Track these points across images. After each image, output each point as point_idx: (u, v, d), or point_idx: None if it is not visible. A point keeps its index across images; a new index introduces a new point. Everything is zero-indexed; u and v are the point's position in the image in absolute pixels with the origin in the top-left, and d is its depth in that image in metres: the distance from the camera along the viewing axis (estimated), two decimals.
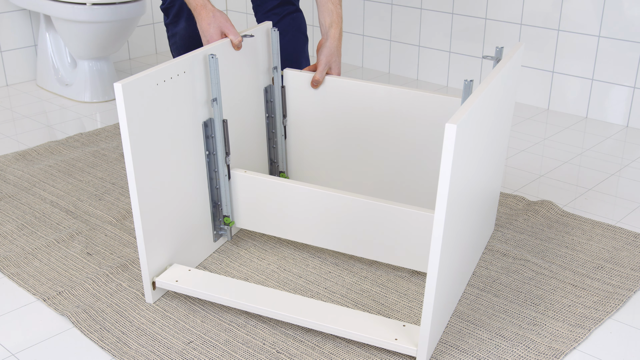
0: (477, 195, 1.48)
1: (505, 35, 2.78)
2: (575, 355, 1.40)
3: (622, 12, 2.48)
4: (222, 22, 1.67)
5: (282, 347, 1.41)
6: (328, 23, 1.79)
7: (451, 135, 1.15)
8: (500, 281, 1.63)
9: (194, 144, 1.60)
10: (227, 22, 1.68)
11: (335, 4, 1.79)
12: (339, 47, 1.81)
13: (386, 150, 1.83)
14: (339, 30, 1.80)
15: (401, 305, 1.54)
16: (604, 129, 2.55)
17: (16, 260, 1.70)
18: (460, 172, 1.25)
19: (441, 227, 1.22)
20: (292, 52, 2.03)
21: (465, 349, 1.40)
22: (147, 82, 1.42)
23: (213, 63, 1.57)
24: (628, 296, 1.57)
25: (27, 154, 2.30)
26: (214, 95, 1.60)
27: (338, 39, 1.80)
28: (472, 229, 1.51)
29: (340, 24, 1.80)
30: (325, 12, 1.79)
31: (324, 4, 1.79)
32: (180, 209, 1.58)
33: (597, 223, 1.87)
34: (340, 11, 1.80)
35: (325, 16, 1.79)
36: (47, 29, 2.88)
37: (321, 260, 1.70)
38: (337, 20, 1.79)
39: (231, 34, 1.66)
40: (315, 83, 1.79)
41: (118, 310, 1.51)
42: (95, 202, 1.99)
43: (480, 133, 1.36)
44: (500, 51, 1.55)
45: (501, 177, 1.75)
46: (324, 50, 1.79)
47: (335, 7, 1.79)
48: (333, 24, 1.79)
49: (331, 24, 1.79)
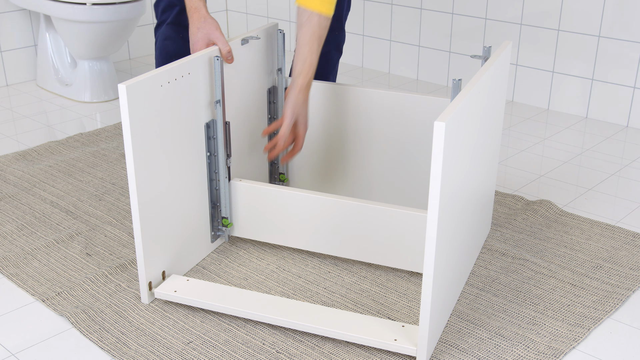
0: (471, 194, 1.48)
1: (505, 35, 2.78)
2: (575, 354, 1.40)
3: (622, 12, 2.48)
4: (211, 29, 1.61)
5: (281, 347, 1.41)
6: (298, 71, 1.66)
7: (440, 133, 1.17)
8: (500, 281, 1.63)
9: (195, 145, 1.60)
10: (216, 30, 1.61)
11: (312, 52, 1.65)
12: (306, 99, 1.68)
13: (384, 152, 1.83)
14: (308, 79, 1.66)
15: (401, 305, 1.54)
16: (604, 129, 2.54)
17: (15, 261, 1.70)
18: (452, 170, 1.26)
19: (434, 226, 1.23)
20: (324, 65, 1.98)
21: (465, 348, 1.40)
22: (152, 83, 1.42)
23: (217, 65, 1.57)
24: (627, 295, 1.57)
25: (27, 154, 2.30)
26: (217, 97, 1.60)
27: (305, 89, 1.66)
28: (467, 228, 1.52)
29: (310, 73, 1.66)
30: (298, 57, 1.66)
31: (300, 48, 1.65)
32: (179, 209, 1.58)
33: (595, 222, 1.87)
34: (314, 60, 1.66)
35: (297, 61, 1.66)
36: (47, 29, 2.88)
37: (320, 260, 1.70)
38: (307, 69, 1.65)
39: (220, 43, 1.60)
40: (282, 139, 1.65)
41: (117, 311, 1.52)
42: (95, 203, 1.99)
43: (470, 130, 1.36)
44: (488, 50, 1.56)
45: (495, 176, 1.76)
46: (289, 101, 1.65)
47: (310, 54, 1.65)
48: (302, 72, 1.65)
49: (300, 73, 1.65)
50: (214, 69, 1.59)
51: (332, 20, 1.92)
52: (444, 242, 1.30)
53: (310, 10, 1.63)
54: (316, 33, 1.65)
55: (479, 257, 1.72)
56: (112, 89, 2.86)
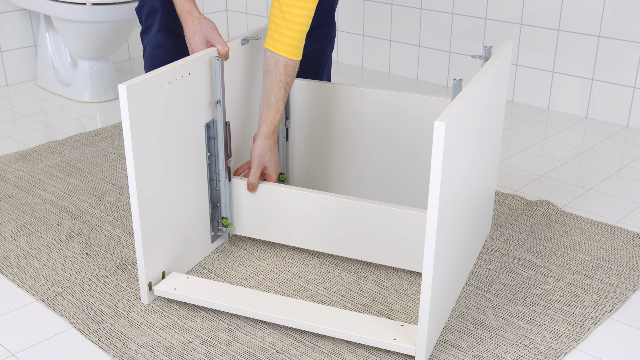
0: (471, 194, 1.48)
1: (505, 35, 2.78)
2: (575, 354, 1.40)
3: (622, 12, 2.48)
4: (209, 30, 1.61)
5: (281, 347, 1.41)
6: (264, 118, 1.64)
7: (440, 133, 1.17)
8: (500, 281, 1.63)
9: (195, 145, 1.60)
10: (213, 30, 1.61)
11: (279, 99, 1.64)
12: (273, 145, 1.66)
13: (384, 152, 1.83)
14: (274, 126, 1.65)
15: (401, 304, 1.54)
16: (604, 129, 2.55)
17: (15, 261, 1.70)
18: (452, 169, 1.26)
19: (434, 225, 1.23)
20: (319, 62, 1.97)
21: (465, 348, 1.40)
22: (152, 84, 1.42)
23: (218, 65, 1.57)
24: (627, 295, 1.57)
25: (27, 154, 2.30)
26: (217, 97, 1.60)
27: (272, 136, 1.65)
28: (467, 228, 1.52)
29: (277, 120, 1.65)
30: (264, 105, 1.64)
31: (266, 96, 1.64)
32: (179, 209, 1.58)
33: (595, 222, 1.87)
34: (281, 107, 1.64)
35: (263, 109, 1.65)
36: (47, 29, 2.88)
37: (320, 260, 1.70)
38: (273, 116, 1.64)
39: (218, 44, 1.59)
40: (251, 187, 1.65)
41: (117, 311, 1.52)
42: (95, 203, 1.99)
43: (470, 130, 1.36)
44: (488, 50, 1.57)
45: (495, 176, 1.76)
46: (255, 149, 1.65)
47: (277, 102, 1.64)
48: (269, 120, 1.64)
49: (266, 120, 1.64)
50: (214, 69, 1.59)
51: (323, 14, 1.92)
52: (443, 242, 1.30)
53: (278, 55, 1.62)
54: (283, 80, 1.63)
55: (479, 257, 1.72)
56: (112, 89, 2.86)
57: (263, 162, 1.66)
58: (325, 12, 1.93)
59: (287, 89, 1.66)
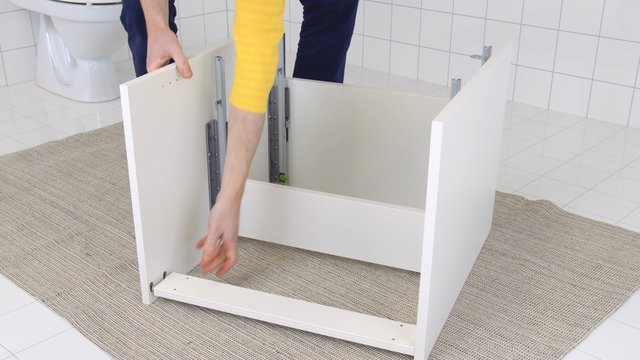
0: (470, 194, 1.48)
1: (505, 35, 2.78)
2: (575, 354, 1.40)
3: (622, 12, 2.48)
4: (167, 41, 1.50)
5: (281, 347, 1.41)
6: (227, 180, 1.51)
7: (438, 133, 1.17)
8: (500, 281, 1.63)
9: (196, 146, 1.60)
10: (172, 42, 1.50)
11: (240, 158, 1.50)
12: (234, 209, 1.52)
13: (384, 152, 1.83)
14: (236, 190, 1.51)
15: (401, 304, 1.54)
16: (603, 129, 2.54)
17: (15, 261, 1.70)
18: (450, 169, 1.26)
19: (432, 225, 1.23)
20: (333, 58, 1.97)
21: (464, 348, 1.40)
22: (153, 84, 1.42)
23: (219, 65, 1.57)
24: (627, 295, 1.57)
25: (27, 154, 2.31)
26: (218, 97, 1.60)
27: (233, 200, 1.51)
28: (466, 228, 1.52)
29: (239, 182, 1.51)
30: (226, 164, 1.51)
31: (228, 154, 1.51)
32: (180, 210, 1.58)
33: (595, 222, 1.87)
34: (243, 167, 1.51)
35: (226, 169, 1.52)
36: (47, 29, 2.88)
37: (320, 260, 1.71)
38: (236, 178, 1.51)
39: (175, 55, 1.49)
40: (206, 255, 1.51)
41: (117, 311, 1.52)
42: (95, 203, 1.99)
43: (469, 130, 1.36)
44: (488, 50, 1.57)
45: (495, 176, 1.76)
46: (215, 211, 1.51)
47: (238, 161, 1.50)
48: (231, 182, 1.50)
49: (229, 182, 1.50)
50: (215, 69, 1.59)
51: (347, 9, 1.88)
52: (442, 242, 1.30)
53: (236, 108, 1.49)
54: (243, 137, 1.50)
55: (479, 257, 1.72)
56: (112, 89, 2.86)
57: (221, 228, 1.51)
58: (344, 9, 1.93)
59: (250, 147, 1.51)
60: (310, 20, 1.95)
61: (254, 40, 1.46)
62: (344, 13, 1.92)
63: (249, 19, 1.45)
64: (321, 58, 1.90)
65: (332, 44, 1.94)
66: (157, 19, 1.55)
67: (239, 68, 1.49)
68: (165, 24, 1.55)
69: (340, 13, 1.91)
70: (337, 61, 2.00)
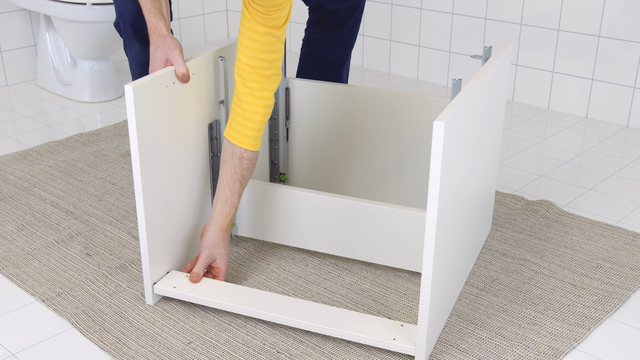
0: (471, 194, 1.48)
1: (505, 35, 2.78)
2: (575, 354, 1.40)
3: (622, 12, 2.48)
4: (170, 49, 1.50)
5: (282, 347, 1.41)
6: (218, 211, 1.56)
7: (439, 133, 1.17)
8: (500, 281, 1.63)
9: (198, 146, 1.60)
10: (175, 49, 1.50)
11: (234, 193, 1.56)
12: (226, 238, 1.57)
13: (384, 152, 1.83)
14: (228, 221, 1.56)
15: (401, 305, 1.54)
16: (604, 129, 2.55)
17: (15, 261, 1.70)
18: (451, 169, 1.26)
19: (433, 225, 1.23)
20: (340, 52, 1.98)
21: (465, 348, 1.40)
22: (157, 84, 1.42)
23: (222, 65, 1.57)
24: (627, 295, 1.57)
25: (27, 154, 2.30)
26: (221, 97, 1.60)
27: (225, 230, 1.57)
28: (466, 228, 1.52)
29: (232, 214, 1.57)
30: (219, 196, 1.56)
31: (221, 187, 1.56)
32: (182, 210, 1.58)
33: (595, 222, 1.87)
34: (236, 201, 1.57)
35: (217, 200, 1.56)
36: (47, 29, 2.88)
37: (320, 260, 1.70)
38: (228, 210, 1.56)
39: (176, 64, 1.49)
40: (195, 276, 1.53)
41: (117, 311, 1.52)
42: (95, 203, 1.99)
43: (469, 130, 1.36)
44: (488, 50, 1.57)
45: (496, 176, 1.76)
46: (206, 239, 1.55)
47: (232, 195, 1.56)
48: (223, 213, 1.55)
49: (221, 213, 1.55)
50: (218, 70, 1.59)
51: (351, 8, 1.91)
52: (443, 242, 1.30)
53: (233, 145, 1.55)
54: (238, 173, 1.56)
55: (479, 257, 1.72)
56: (112, 89, 2.86)
57: (213, 254, 1.56)
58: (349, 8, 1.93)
59: (243, 182, 1.57)
60: (315, 19, 1.96)
61: (257, 85, 1.52)
62: (349, 12, 1.93)
63: (252, 66, 1.50)
64: (325, 55, 1.90)
65: (337, 41, 1.94)
66: (159, 25, 1.55)
67: (240, 107, 1.53)
68: (167, 30, 1.55)
69: (345, 12, 1.92)
70: (342, 58, 2.00)
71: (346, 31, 1.96)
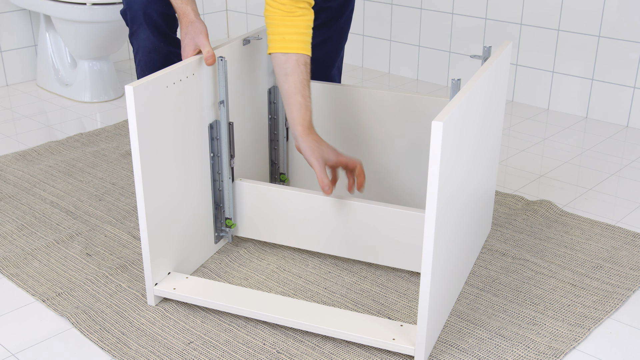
0: (470, 194, 1.48)
1: (505, 35, 2.78)
2: (575, 354, 1.40)
3: (622, 12, 2.48)
4: (196, 34, 1.55)
5: (282, 347, 1.41)
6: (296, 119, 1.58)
7: (438, 133, 1.17)
8: (500, 281, 1.63)
9: (198, 146, 1.60)
10: (201, 34, 1.55)
11: (306, 98, 1.59)
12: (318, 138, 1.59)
13: (384, 152, 1.83)
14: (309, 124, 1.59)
15: (401, 305, 1.54)
16: (604, 129, 2.55)
17: (15, 261, 1.70)
18: (450, 169, 1.26)
19: (432, 225, 1.23)
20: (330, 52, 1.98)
21: (465, 348, 1.41)
22: (158, 84, 1.42)
23: (222, 66, 1.57)
24: (627, 295, 1.57)
25: (27, 154, 2.31)
26: (221, 97, 1.60)
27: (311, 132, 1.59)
28: (466, 228, 1.52)
29: (309, 116, 1.59)
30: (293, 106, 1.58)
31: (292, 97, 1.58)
32: (183, 210, 1.58)
33: (595, 222, 1.87)
34: (310, 105, 1.59)
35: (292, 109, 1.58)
36: (47, 29, 2.88)
37: (320, 260, 1.71)
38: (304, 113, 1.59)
39: (203, 47, 1.54)
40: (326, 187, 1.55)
41: (118, 311, 1.52)
42: (95, 203, 1.99)
43: (468, 130, 1.36)
44: (488, 50, 1.57)
45: (495, 176, 1.76)
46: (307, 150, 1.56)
47: (305, 100, 1.58)
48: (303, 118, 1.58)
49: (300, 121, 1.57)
50: (217, 70, 1.59)
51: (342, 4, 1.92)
52: (442, 242, 1.30)
53: (295, 54, 1.57)
54: (306, 78, 1.59)
55: (479, 257, 1.72)
56: (112, 89, 2.86)
57: (322, 159, 1.55)
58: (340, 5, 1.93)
59: (309, 88, 1.61)
60: None
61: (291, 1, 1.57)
62: (339, 9, 1.94)
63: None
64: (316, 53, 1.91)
65: (328, 39, 1.95)
66: (187, 10, 1.60)
67: (284, 26, 1.57)
68: (196, 15, 1.60)
69: (336, 9, 1.93)
70: (333, 56, 2.00)
71: (337, 29, 1.96)
